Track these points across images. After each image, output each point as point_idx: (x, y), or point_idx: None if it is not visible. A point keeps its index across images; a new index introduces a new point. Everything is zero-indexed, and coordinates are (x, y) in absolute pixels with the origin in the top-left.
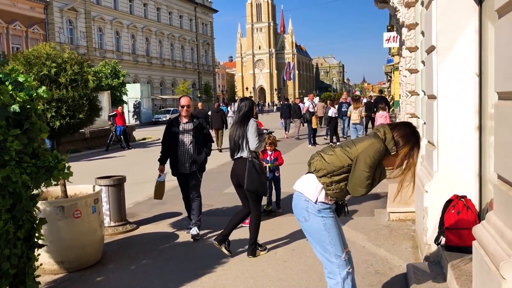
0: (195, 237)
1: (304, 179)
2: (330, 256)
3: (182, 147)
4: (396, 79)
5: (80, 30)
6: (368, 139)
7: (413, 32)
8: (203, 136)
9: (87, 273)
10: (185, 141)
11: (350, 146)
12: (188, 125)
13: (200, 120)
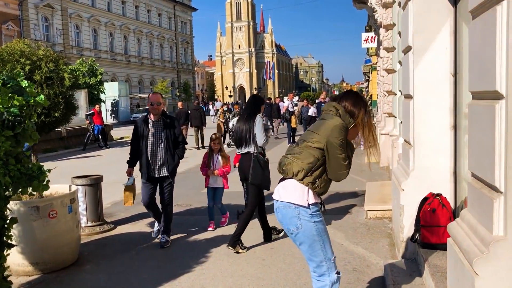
0: (163, 245)
1: (287, 187)
2: (321, 261)
3: (151, 148)
4: (374, 79)
5: (57, 27)
6: (326, 123)
7: (390, 32)
8: (174, 137)
9: (63, 274)
10: (155, 142)
11: (313, 136)
12: (158, 124)
13: (172, 119)
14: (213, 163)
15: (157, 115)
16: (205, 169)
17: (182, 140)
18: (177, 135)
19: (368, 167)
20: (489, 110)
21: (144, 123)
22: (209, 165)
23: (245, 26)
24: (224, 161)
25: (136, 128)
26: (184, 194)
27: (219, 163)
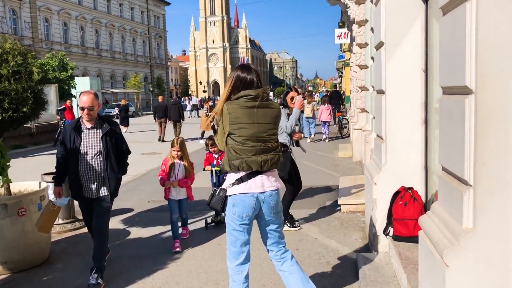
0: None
1: (275, 176)
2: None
3: (86, 162)
4: (347, 74)
5: (25, 20)
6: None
7: (363, 28)
8: (117, 147)
9: (33, 273)
10: (90, 154)
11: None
12: (95, 132)
13: (112, 124)
14: (174, 172)
15: (93, 120)
16: (164, 179)
17: (126, 150)
18: (119, 144)
19: (341, 162)
20: (459, 104)
21: (75, 131)
22: (170, 173)
23: (219, 21)
24: (187, 171)
25: (64, 137)
26: (158, 190)
27: (182, 173)
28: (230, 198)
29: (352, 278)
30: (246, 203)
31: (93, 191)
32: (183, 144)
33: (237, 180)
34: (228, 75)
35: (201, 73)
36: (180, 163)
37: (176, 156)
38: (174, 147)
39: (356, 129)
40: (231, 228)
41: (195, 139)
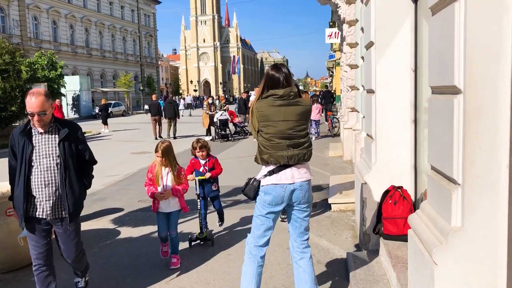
0: None
1: (305, 168)
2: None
3: (38, 174)
4: (338, 74)
5: (13, 18)
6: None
7: (353, 28)
8: (78, 156)
9: (21, 273)
10: (44, 165)
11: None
12: (49, 137)
13: (73, 127)
14: (162, 181)
15: (45, 125)
16: (151, 189)
17: (89, 159)
18: (82, 153)
19: (332, 161)
20: (447, 104)
21: (26, 136)
22: (157, 182)
23: (210, 20)
24: (177, 179)
25: (12, 146)
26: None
27: (171, 181)
28: (263, 187)
29: (342, 277)
30: (277, 193)
31: (48, 211)
32: (167, 150)
33: (269, 172)
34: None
35: (192, 72)
36: (168, 171)
37: (160, 162)
38: (158, 152)
39: (346, 128)
40: (258, 213)
41: (188, 136)
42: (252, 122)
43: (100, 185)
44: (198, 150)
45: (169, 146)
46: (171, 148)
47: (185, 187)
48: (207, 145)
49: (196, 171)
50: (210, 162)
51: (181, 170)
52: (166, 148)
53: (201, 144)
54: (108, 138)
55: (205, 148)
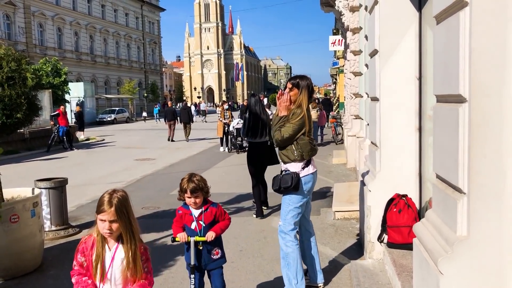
0: None
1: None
2: None
3: None
4: (341, 81)
5: (19, 25)
6: None
7: (357, 36)
8: None
9: (25, 280)
10: None
11: None
12: None
13: None
14: (104, 270)
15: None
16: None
17: None
18: None
19: (335, 168)
20: (452, 113)
21: None
22: (95, 271)
23: (214, 27)
24: (132, 267)
25: None
26: (152, 196)
27: (120, 271)
28: (304, 178)
29: (346, 285)
30: (313, 179)
31: None
32: (121, 204)
33: (305, 164)
34: (287, 83)
35: (195, 79)
36: (117, 250)
37: (107, 232)
38: (103, 212)
39: (350, 135)
40: (295, 205)
41: (200, 139)
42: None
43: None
44: (190, 195)
45: (125, 197)
46: (127, 201)
47: (223, 225)
48: (204, 186)
49: (187, 228)
50: (208, 213)
51: (146, 252)
52: (121, 201)
53: (195, 185)
54: (112, 144)
55: (200, 191)
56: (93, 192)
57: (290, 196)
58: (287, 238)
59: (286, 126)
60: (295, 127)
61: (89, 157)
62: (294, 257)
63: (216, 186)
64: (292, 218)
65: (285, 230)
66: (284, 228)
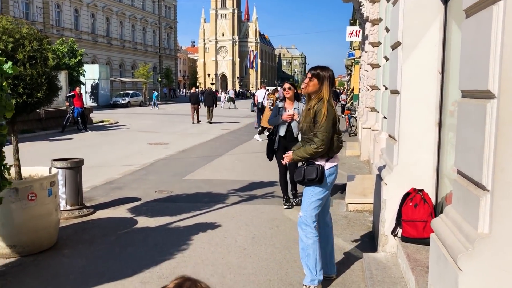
0: None
1: None
2: None
3: None
4: (356, 73)
5: (37, 5)
6: None
7: (376, 27)
8: None
9: (40, 257)
10: None
11: None
12: None
13: None
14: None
15: None
16: None
17: None
18: None
19: (348, 160)
20: (479, 109)
21: None
22: None
23: (230, 14)
24: None
25: None
26: (165, 180)
27: None
28: (328, 170)
29: (358, 277)
30: (337, 171)
31: None
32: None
33: (329, 156)
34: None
35: (209, 66)
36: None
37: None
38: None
39: (365, 128)
40: (318, 197)
41: (221, 123)
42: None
43: (117, 174)
44: None
45: None
46: None
47: None
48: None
49: None
50: None
51: None
52: None
53: None
54: (126, 127)
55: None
56: (107, 174)
57: (313, 188)
58: (308, 229)
59: (319, 133)
60: (327, 127)
61: (103, 139)
62: (315, 248)
63: (229, 173)
64: (314, 210)
65: (307, 222)
66: (305, 220)
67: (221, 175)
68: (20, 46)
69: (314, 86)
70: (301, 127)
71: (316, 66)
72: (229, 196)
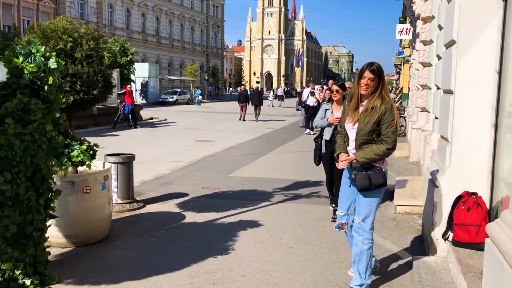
0: None
1: None
2: None
3: None
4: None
5: (91, 5)
6: None
7: (428, 25)
8: None
9: (94, 248)
10: None
11: None
12: None
13: None
14: None
15: None
16: None
17: None
18: None
19: (397, 161)
20: None
21: None
22: None
23: (276, 12)
24: None
25: None
26: (212, 177)
27: None
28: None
29: (406, 280)
30: None
31: None
32: None
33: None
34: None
35: (255, 64)
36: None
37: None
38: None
39: (415, 128)
40: (380, 199)
41: (267, 121)
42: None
43: (166, 170)
44: None
45: None
46: None
47: None
48: None
49: None
50: None
51: None
52: None
53: None
54: (174, 124)
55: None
56: (156, 170)
57: (375, 192)
58: (366, 235)
59: (391, 132)
60: (396, 127)
61: (152, 136)
62: (369, 254)
63: (274, 171)
64: (374, 215)
65: (365, 228)
66: (365, 227)
67: (266, 173)
68: (78, 45)
69: (375, 86)
70: (361, 128)
71: (370, 63)
72: (274, 194)
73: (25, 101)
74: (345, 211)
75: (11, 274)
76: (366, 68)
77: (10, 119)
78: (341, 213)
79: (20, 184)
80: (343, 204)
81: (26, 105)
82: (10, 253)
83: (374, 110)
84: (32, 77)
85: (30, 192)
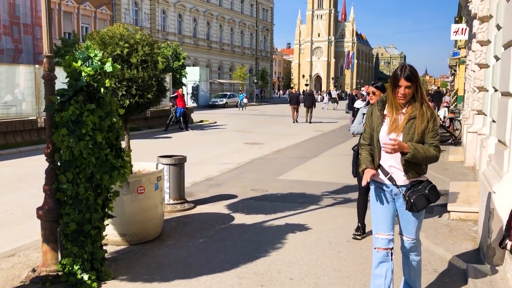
0: None
1: None
2: None
3: None
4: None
5: (145, 12)
6: None
7: (486, 25)
8: None
9: (147, 247)
10: None
11: None
12: None
13: None
14: None
15: None
16: None
17: None
18: None
19: (451, 166)
20: None
21: None
22: None
23: (326, 14)
24: None
25: None
26: (261, 179)
27: None
28: None
29: None
30: None
31: None
32: None
33: None
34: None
35: (304, 67)
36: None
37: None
38: None
39: (470, 132)
40: None
41: (319, 122)
42: None
43: (216, 171)
44: None
45: None
46: None
47: None
48: None
49: None
50: None
51: None
52: None
53: None
54: (224, 127)
55: None
56: (207, 171)
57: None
58: (418, 249)
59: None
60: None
61: (203, 138)
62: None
63: (323, 175)
64: None
65: (419, 243)
66: (417, 242)
67: (315, 176)
68: (134, 51)
69: (412, 92)
70: (407, 139)
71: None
72: (322, 197)
73: (77, 113)
74: (391, 232)
75: (70, 269)
76: (400, 75)
77: (65, 130)
78: (387, 237)
79: (80, 184)
80: (386, 224)
81: (79, 116)
82: (69, 248)
83: (419, 119)
84: (89, 80)
85: (89, 192)
